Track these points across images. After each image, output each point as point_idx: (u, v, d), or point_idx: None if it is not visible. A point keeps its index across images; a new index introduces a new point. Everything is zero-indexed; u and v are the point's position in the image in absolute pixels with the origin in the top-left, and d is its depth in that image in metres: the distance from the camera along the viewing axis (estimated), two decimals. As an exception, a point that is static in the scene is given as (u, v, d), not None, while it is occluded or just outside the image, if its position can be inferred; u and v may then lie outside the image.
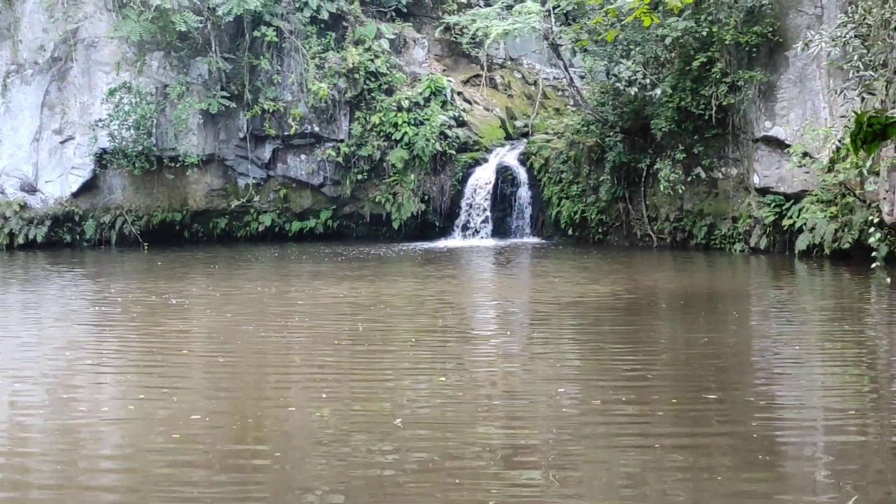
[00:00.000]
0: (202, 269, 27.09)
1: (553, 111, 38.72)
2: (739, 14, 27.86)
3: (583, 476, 9.13)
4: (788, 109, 27.86)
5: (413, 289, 22.71)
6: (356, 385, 13.15)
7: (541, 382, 13.09)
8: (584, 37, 30.40)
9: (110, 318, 19.27)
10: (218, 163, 35.08)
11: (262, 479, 9.13)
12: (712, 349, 15.26)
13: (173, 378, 13.66)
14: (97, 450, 10.36)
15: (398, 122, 34.72)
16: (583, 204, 32.69)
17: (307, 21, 34.70)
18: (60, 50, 33.35)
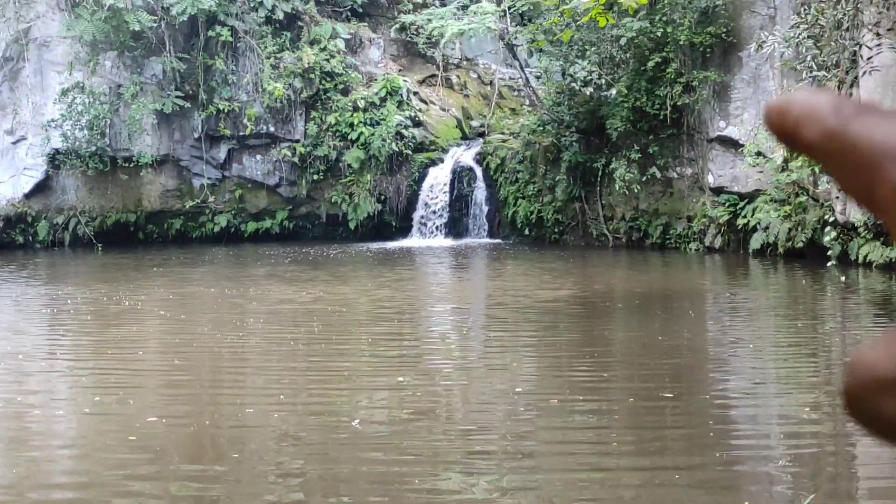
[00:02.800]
0: (157, 271, 26.90)
1: (509, 111, 38.77)
2: (693, 15, 28.04)
3: (540, 475, 9.14)
4: (742, 109, 28.09)
5: (369, 290, 22.67)
6: (313, 386, 13.11)
7: (498, 382, 13.11)
8: (540, 37, 30.49)
9: (63, 320, 19.10)
10: (172, 163, 34.85)
11: (219, 481, 9.08)
12: (669, 348, 15.34)
13: (129, 380, 13.55)
14: (52, 452, 10.26)
15: (354, 122, 34.64)
16: (539, 204, 32.76)
17: (262, 21, 34.55)
18: (12, 49, 33.01)
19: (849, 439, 10.08)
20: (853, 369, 0.47)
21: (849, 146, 0.47)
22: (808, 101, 0.49)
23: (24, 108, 33.25)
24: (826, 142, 0.48)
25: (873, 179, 0.47)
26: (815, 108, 0.49)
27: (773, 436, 10.41)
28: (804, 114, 0.49)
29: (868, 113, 0.48)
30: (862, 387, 0.46)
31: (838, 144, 0.48)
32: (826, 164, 0.50)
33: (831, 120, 0.48)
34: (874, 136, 0.47)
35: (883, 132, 0.47)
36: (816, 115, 0.49)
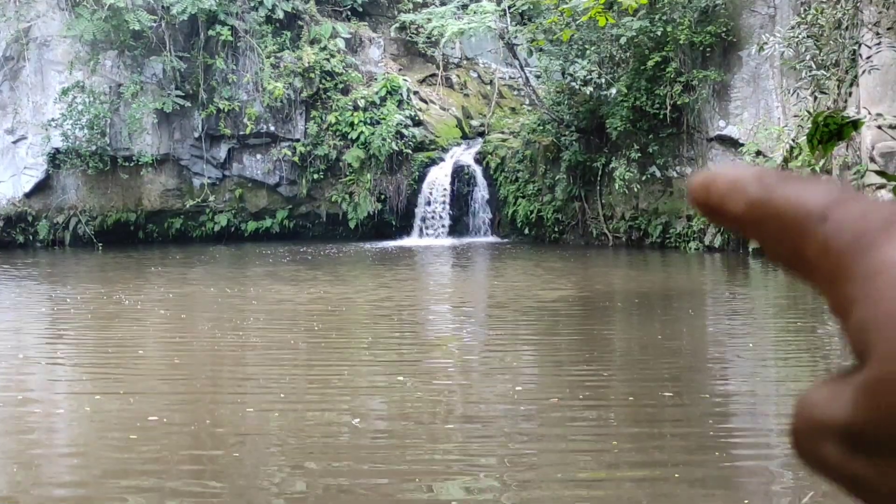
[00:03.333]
0: (157, 270, 26.92)
1: (509, 110, 38.77)
2: (693, 14, 28.05)
3: (539, 473, 9.16)
4: (742, 109, 28.10)
5: (369, 289, 22.68)
6: (313, 385, 13.13)
7: (498, 381, 13.13)
8: (540, 36, 30.48)
9: (64, 319, 19.11)
10: (173, 162, 34.85)
11: (219, 480, 9.09)
12: (668, 347, 15.36)
13: (129, 379, 13.57)
14: (52, 451, 10.28)
15: (354, 121, 34.64)
16: (539, 203, 32.76)
17: (262, 20, 34.54)
18: (12, 49, 33.02)
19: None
20: (798, 411, 0.47)
21: (773, 213, 0.48)
22: (732, 174, 0.50)
23: (25, 107, 33.26)
24: (751, 211, 0.49)
25: (800, 242, 0.48)
26: (739, 180, 0.49)
27: (772, 435, 10.43)
28: (728, 187, 0.49)
29: (789, 180, 0.49)
30: (804, 431, 0.46)
31: (763, 212, 0.48)
32: (753, 234, 0.50)
33: (755, 190, 0.49)
34: (797, 201, 0.48)
35: (805, 195, 0.48)
36: (740, 187, 0.49)
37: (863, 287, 0.44)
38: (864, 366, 0.44)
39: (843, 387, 0.45)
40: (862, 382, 0.43)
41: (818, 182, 0.49)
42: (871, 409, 0.42)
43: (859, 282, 0.45)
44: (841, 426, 0.44)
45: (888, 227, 0.46)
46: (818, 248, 0.47)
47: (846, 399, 0.44)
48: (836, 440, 0.45)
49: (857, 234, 0.46)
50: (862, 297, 0.44)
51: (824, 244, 0.47)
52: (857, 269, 0.45)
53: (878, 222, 0.46)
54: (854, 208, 0.47)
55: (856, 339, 0.45)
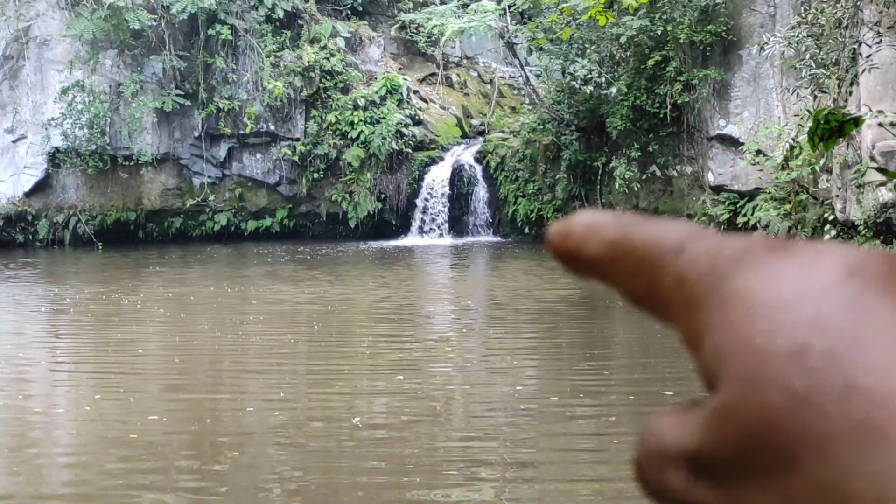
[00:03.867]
0: (157, 270, 26.90)
1: (509, 110, 38.76)
2: (693, 13, 28.02)
3: (540, 471, 9.15)
4: (742, 108, 28.08)
5: (369, 288, 22.67)
6: (313, 385, 13.12)
7: (498, 381, 13.12)
8: (540, 35, 30.45)
9: (63, 319, 19.10)
10: (173, 162, 34.83)
11: (219, 479, 9.08)
12: (669, 346, 15.34)
13: (129, 379, 13.56)
14: (53, 451, 10.27)
15: (354, 120, 34.62)
16: (539, 202, 32.75)
17: (262, 19, 34.52)
18: (12, 48, 33.00)
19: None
20: (641, 440, 0.47)
21: (629, 250, 0.49)
22: (588, 219, 0.51)
23: (25, 106, 33.25)
24: (608, 251, 0.49)
25: (655, 276, 0.48)
26: (595, 223, 0.50)
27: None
28: (585, 231, 0.50)
29: (647, 221, 0.50)
30: (648, 458, 0.47)
31: (619, 251, 0.49)
32: (609, 275, 0.50)
33: (611, 230, 0.50)
34: (652, 236, 0.48)
35: (660, 232, 0.49)
36: (596, 229, 0.50)
37: (715, 314, 0.46)
38: (713, 394, 0.45)
39: (691, 414, 0.46)
40: (713, 408, 0.44)
41: (674, 221, 0.50)
42: (721, 434, 0.44)
43: (712, 309, 0.46)
44: (688, 452, 0.45)
45: (743, 256, 0.47)
46: (673, 280, 0.48)
47: (694, 425, 0.45)
48: (681, 468, 0.45)
49: (712, 264, 0.47)
50: (714, 323, 0.45)
51: (679, 275, 0.48)
52: (711, 298, 0.46)
53: (733, 252, 0.47)
54: (709, 240, 0.48)
55: (707, 367, 0.46)
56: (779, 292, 0.44)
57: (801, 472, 0.41)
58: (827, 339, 0.41)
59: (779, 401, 0.41)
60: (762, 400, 0.42)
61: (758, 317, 0.44)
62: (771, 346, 0.42)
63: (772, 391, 0.42)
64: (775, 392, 0.42)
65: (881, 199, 21.64)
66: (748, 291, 0.45)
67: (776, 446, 0.41)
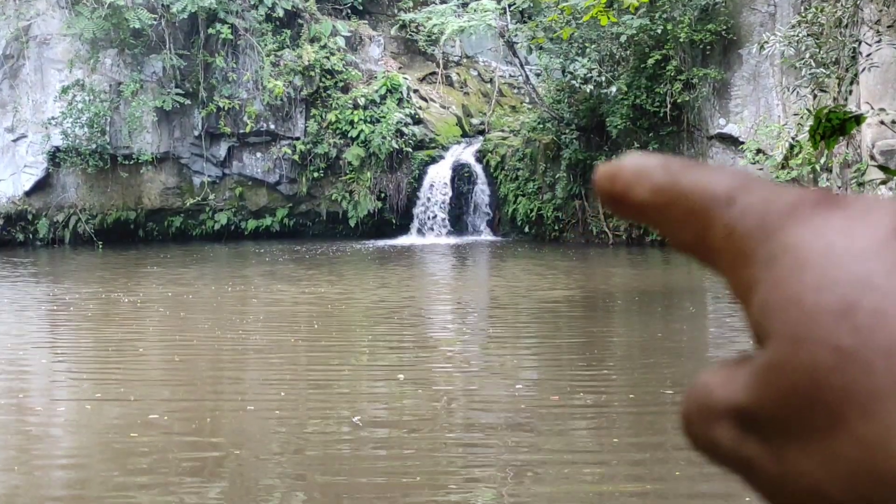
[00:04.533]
0: (157, 269, 26.90)
1: (509, 109, 38.76)
2: (693, 12, 28.04)
3: (540, 470, 9.16)
4: (742, 107, 28.10)
5: (369, 287, 22.67)
6: (313, 383, 13.12)
7: (498, 379, 13.13)
8: (540, 34, 30.45)
9: (64, 317, 19.10)
10: (173, 161, 34.84)
11: (220, 478, 9.09)
12: (669, 345, 15.35)
13: (129, 378, 13.56)
14: (52, 449, 10.28)
15: (354, 119, 34.62)
16: (539, 201, 32.75)
17: (262, 18, 34.52)
18: (12, 47, 33.00)
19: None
20: (691, 394, 0.48)
21: (678, 197, 0.49)
22: (637, 162, 0.51)
23: (25, 105, 33.25)
24: (656, 197, 0.49)
25: (704, 226, 0.48)
26: (644, 168, 0.50)
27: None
28: (633, 175, 0.50)
29: (695, 167, 0.50)
30: (697, 413, 0.47)
31: (668, 198, 0.49)
32: (657, 220, 0.50)
33: (660, 176, 0.49)
34: (703, 185, 0.48)
35: (710, 180, 0.48)
36: (645, 173, 0.50)
37: (765, 270, 0.46)
38: (763, 348, 0.45)
39: (740, 369, 0.46)
40: (760, 364, 0.45)
41: (724, 169, 0.50)
42: (768, 391, 0.44)
43: (761, 264, 0.46)
44: (736, 408, 0.45)
45: (792, 211, 0.47)
46: (723, 232, 0.48)
47: (743, 381, 0.45)
48: (729, 423, 0.45)
49: (762, 218, 0.47)
50: (763, 279, 0.46)
51: (729, 228, 0.48)
52: (760, 253, 0.46)
53: (783, 206, 0.47)
54: (759, 193, 0.48)
55: (756, 322, 0.46)
56: (827, 249, 0.44)
57: (846, 429, 0.41)
58: (875, 297, 0.42)
59: (826, 358, 0.41)
60: (810, 357, 0.42)
61: (806, 273, 0.44)
62: (819, 304, 0.42)
63: (819, 348, 0.42)
64: (823, 349, 0.42)
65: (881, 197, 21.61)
66: (797, 247, 0.45)
67: (823, 403, 0.42)
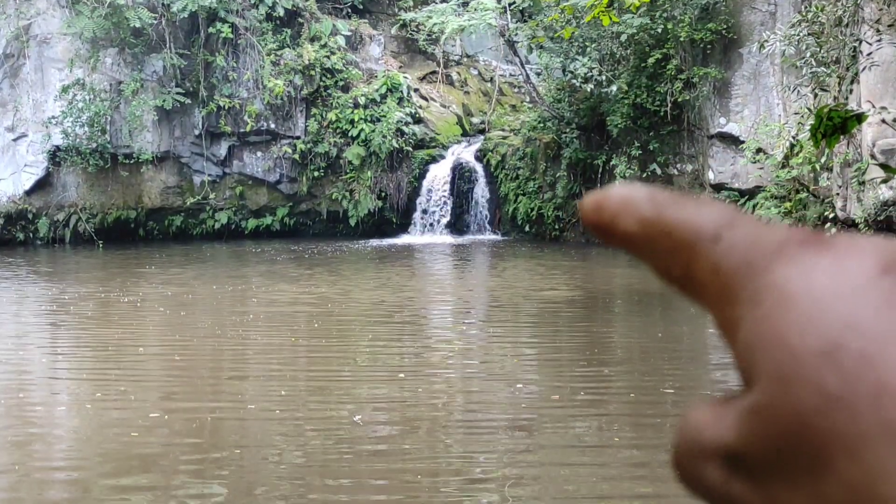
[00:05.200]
0: (157, 268, 26.90)
1: (509, 108, 38.78)
2: (694, 11, 28.03)
3: (541, 470, 9.16)
4: (743, 106, 28.09)
5: (370, 286, 22.67)
6: (313, 382, 13.12)
7: (499, 379, 13.12)
8: (541, 33, 30.46)
9: (64, 317, 19.10)
10: (173, 160, 34.85)
11: (221, 477, 9.09)
12: (668, 344, 15.35)
13: (129, 377, 13.56)
14: (53, 448, 10.27)
15: (355, 118, 34.64)
16: (539, 200, 32.77)
17: (262, 18, 34.53)
18: (13, 46, 33.00)
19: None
20: (680, 432, 0.47)
21: (665, 231, 0.49)
22: (623, 193, 0.50)
23: (25, 105, 33.26)
24: (642, 230, 0.49)
25: (690, 261, 0.48)
26: (631, 199, 0.50)
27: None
28: (620, 205, 0.50)
29: (682, 200, 0.49)
30: (687, 451, 0.46)
31: (654, 231, 0.49)
32: (644, 253, 0.50)
33: (647, 209, 0.49)
34: (688, 220, 0.48)
35: (696, 215, 0.48)
36: (632, 205, 0.50)
37: (750, 308, 0.45)
38: (749, 387, 0.44)
39: (728, 409, 0.46)
40: (747, 405, 0.44)
41: (711, 203, 0.49)
42: (755, 432, 0.43)
43: (747, 303, 0.46)
44: (724, 448, 0.45)
45: (779, 249, 0.46)
46: (708, 269, 0.48)
47: (730, 421, 0.45)
48: (718, 462, 0.45)
49: (748, 256, 0.47)
50: (748, 318, 0.45)
51: (715, 265, 0.48)
52: (746, 291, 0.46)
53: (769, 245, 0.47)
54: (746, 229, 0.48)
55: (742, 360, 0.45)
56: (813, 289, 0.44)
57: (833, 472, 0.40)
58: (860, 339, 0.41)
59: (812, 401, 0.41)
60: (795, 399, 0.42)
61: (791, 314, 0.43)
62: (804, 345, 0.42)
63: (805, 391, 0.41)
64: (808, 392, 0.41)
65: (882, 196, 21.64)
66: (782, 287, 0.44)
67: (809, 446, 0.41)
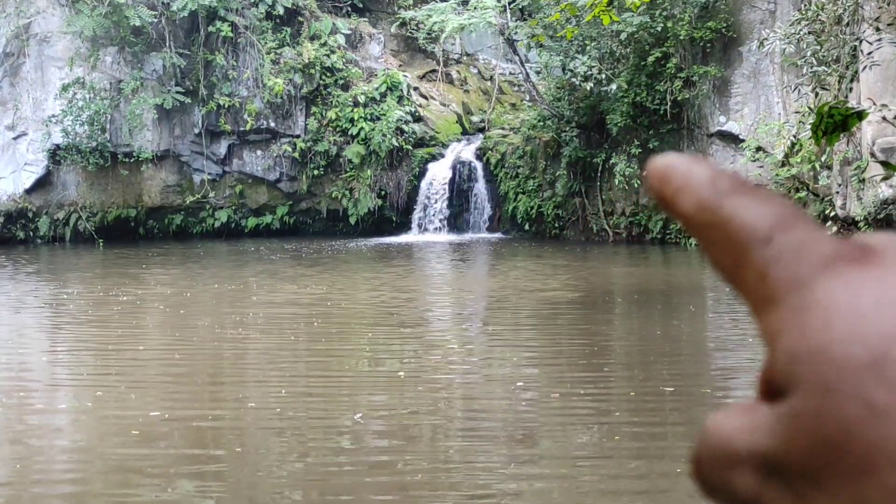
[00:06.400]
0: (157, 267, 26.91)
1: (509, 106, 38.77)
2: (694, 9, 28.03)
3: (540, 469, 9.17)
4: (742, 104, 28.10)
5: (369, 285, 22.69)
6: (314, 381, 13.13)
7: (498, 377, 13.13)
8: (540, 32, 30.47)
9: (64, 315, 19.11)
10: (173, 159, 34.85)
11: (221, 475, 9.10)
12: (668, 342, 15.36)
13: (130, 375, 13.56)
14: (53, 446, 10.28)
15: (354, 117, 34.64)
16: (539, 199, 32.77)
17: (262, 16, 34.53)
18: (13, 45, 33.01)
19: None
20: (704, 439, 0.47)
21: (721, 222, 0.48)
22: (688, 170, 0.50)
23: (25, 103, 33.26)
24: (700, 214, 0.49)
25: (740, 260, 0.49)
26: (693, 178, 0.50)
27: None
28: (682, 183, 0.50)
29: (743, 190, 0.49)
30: (713, 458, 0.46)
31: (711, 218, 0.49)
32: (699, 237, 0.50)
33: (706, 193, 0.49)
34: (745, 217, 0.48)
35: (754, 214, 0.48)
36: (693, 185, 0.50)
37: (794, 318, 0.46)
38: (785, 395, 0.44)
39: (759, 416, 0.46)
40: (787, 412, 0.44)
41: (769, 197, 0.49)
42: (796, 439, 0.43)
43: (791, 312, 0.46)
44: (761, 455, 0.44)
45: (828, 263, 0.46)
46: (757, 273, 0.48)
47: (767, 428, 0.45)
48: (750, 469, 0.45)
49: (796, 267, 0.47)
50: (792, 327, 0.46)
51: (763, 269, 0.48)
52: (791, 301, 0.46)
53: (819, 258, 0.47)
54: (799, 235, 0.48)
55: (780, 367, 0.46)
56: (859, 303, 0.44)
57: (875, 477, 0.41)
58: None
59: (856, 411, 0.41)
60: (839, 409, 0.42)
61: (836, 325, 0.43)
62: (848, 355, 0.42)
63: (849, 401, 0.42)
64: (853, 401, 0.42)
65: (881, 195, 21.66)
66: (828, 300, 0.45)
67: (852, 454, 0.41)
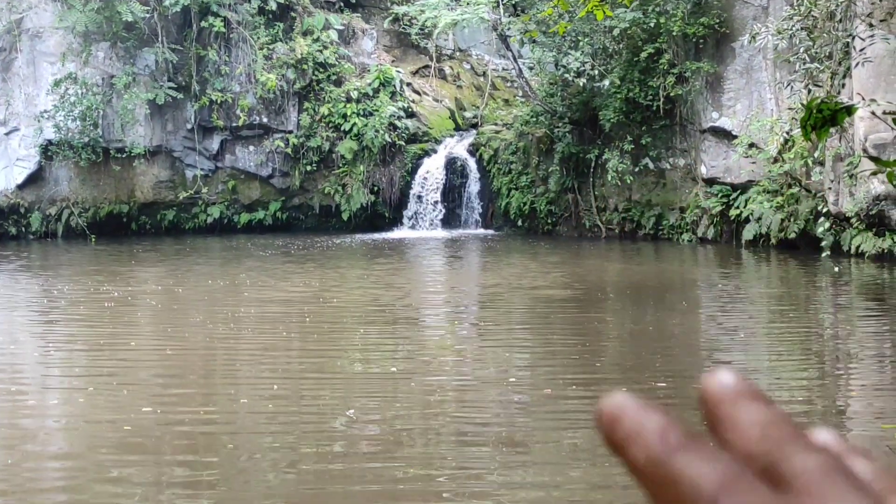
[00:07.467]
0: (149, 262, 26.88)
1: (502, 102, 38.78)
2: (686, 5, 28.04)
3: (533, 466, 9.17)
4: (735, 100, 28.12)
5: (362, 281, 22.68)
6: (306, 377, 13.12)
7: (491, 373, 13.13)
8: (533, 27, 30.46)
9: (56, 311, 19.08)
10: (165, 154, 34.81)
11: (214, 472, 9.09)
12: (661, 338, 15.37)
13: (122, 370, 13.54)
14: (45, 444, 10.26)
15: (347, 113, 34.62)
16: (532, 195, 32.79)
17: (255, 11, 34.48)
18: (4, 40, 32.93)
19: (841, 428, 10.12)
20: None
21: (669, 479, 0.48)
22: (639, 418, 0.50)
23: (17, 99, 33.19)
24: (647, 466, 0.49)
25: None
26: (643, 429, 0.50)
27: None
28: (632, 431, 0.50)
29: (692, 447, 0.49)
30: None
31: (660, 473, 0.48)
32: (647, 488, 0.49)
33: (656, 447, 0.49)
34: (693, 477, 0.48)
35: (702, 473, 0.48)
36: (643, 437, 0.49)
37: None
38: None
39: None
40: None
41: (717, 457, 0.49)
42: None
43: None
44: None
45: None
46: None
47: None
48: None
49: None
50: None
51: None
52: None
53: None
54: (742, 500, 0.47)
55: None
56: None
57: None
58: None
59: None
60: None
61: None
62: None
63: None
64: None
65: (873, 191, 21.68)
66: None
67: None
